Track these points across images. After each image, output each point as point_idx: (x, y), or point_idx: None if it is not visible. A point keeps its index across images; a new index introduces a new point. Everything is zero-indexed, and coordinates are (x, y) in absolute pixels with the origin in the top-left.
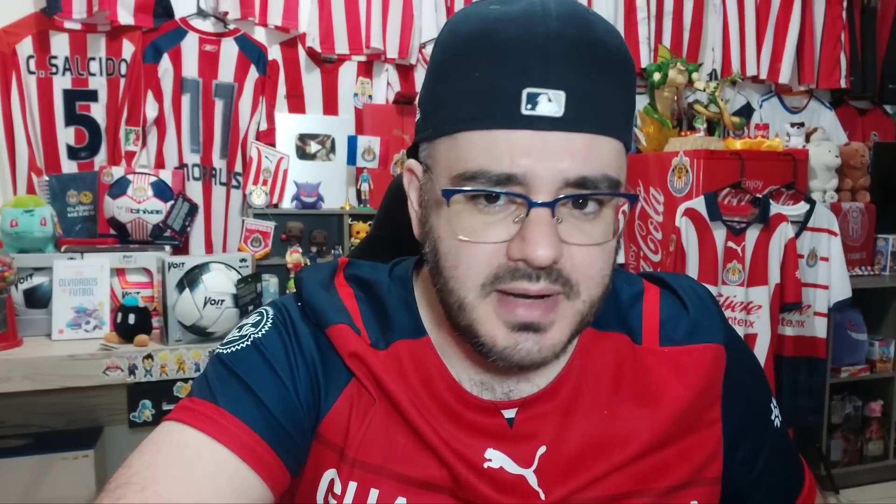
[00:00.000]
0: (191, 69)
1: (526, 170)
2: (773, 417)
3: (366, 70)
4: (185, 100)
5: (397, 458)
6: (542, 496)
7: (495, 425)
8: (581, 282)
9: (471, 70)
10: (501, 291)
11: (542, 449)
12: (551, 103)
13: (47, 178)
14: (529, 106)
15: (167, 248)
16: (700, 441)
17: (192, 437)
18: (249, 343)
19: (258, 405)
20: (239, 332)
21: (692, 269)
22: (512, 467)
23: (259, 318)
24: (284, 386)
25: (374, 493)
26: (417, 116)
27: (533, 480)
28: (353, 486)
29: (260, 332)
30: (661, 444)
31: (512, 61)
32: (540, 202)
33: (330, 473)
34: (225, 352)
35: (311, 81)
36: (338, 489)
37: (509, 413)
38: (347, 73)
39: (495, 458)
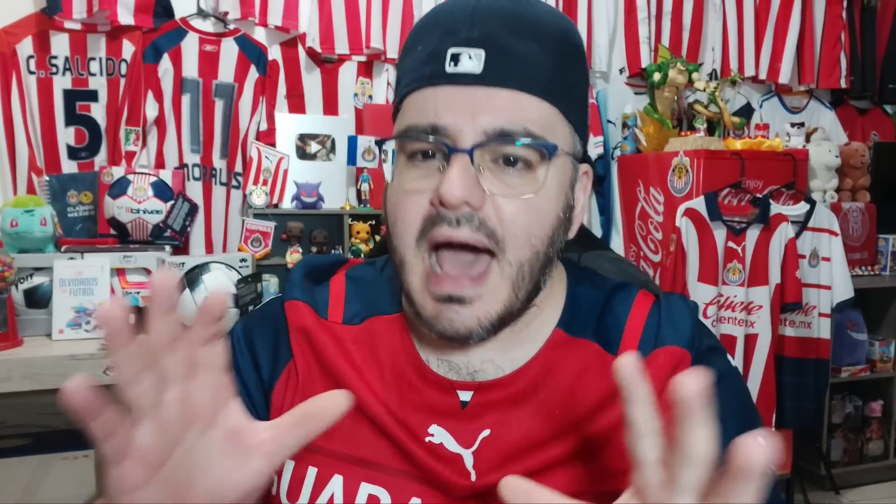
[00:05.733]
0: (191, 69)
1: (449, 122)
2: None
3: (366, 70)
4: (186, 100)
5: (337, 435)
6: (473, 477)
7: (448, 404)
8: (507, 238)
9: (417, 46)
10: (432, 246)
11: (486, 432)
12: (472, 60)
13: (47, 178)
14: (453, 64)
15: (167, 248)
16: None
17: None
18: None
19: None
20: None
21: (692, 270)
22: (452, 445)
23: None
24: (245, 392)
25: (311, 471)
26: None
27: (469, 461)
28: (290, 464)
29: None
30: (602, 447)
31: (442, 28)
32: (457, 148)
33: None
34: None
35: (311, 81)
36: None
37: (465, 395)
38: (347, 73)
39: (437, 434)
